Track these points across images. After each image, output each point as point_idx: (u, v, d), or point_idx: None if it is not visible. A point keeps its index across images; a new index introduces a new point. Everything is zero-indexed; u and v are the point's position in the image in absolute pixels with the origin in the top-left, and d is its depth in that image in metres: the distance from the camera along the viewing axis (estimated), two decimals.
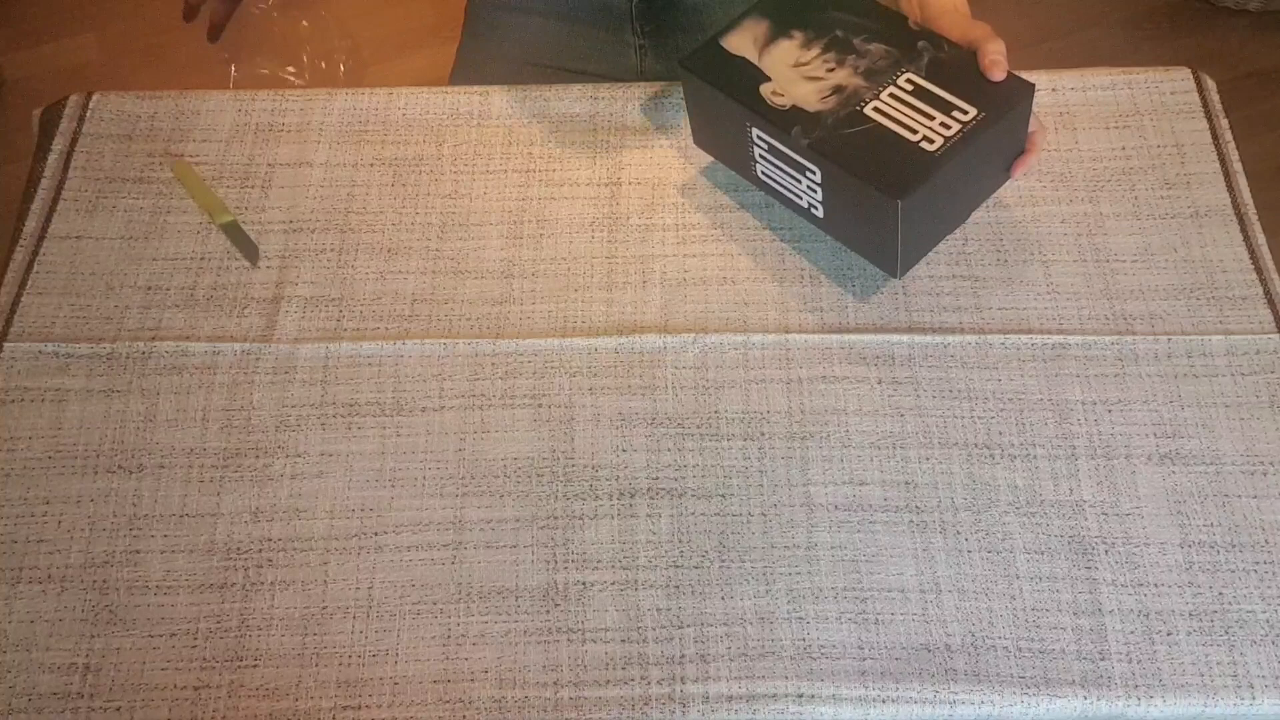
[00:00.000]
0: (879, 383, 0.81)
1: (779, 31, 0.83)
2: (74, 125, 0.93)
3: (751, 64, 0.82)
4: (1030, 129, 0.82)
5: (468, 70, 1.10)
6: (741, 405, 0.81)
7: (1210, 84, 0.94)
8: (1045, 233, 0.88)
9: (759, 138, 0.80)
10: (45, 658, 0.72)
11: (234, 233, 0.88)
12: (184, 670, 0.72)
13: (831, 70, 0.80)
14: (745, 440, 0.79)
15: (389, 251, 0.88)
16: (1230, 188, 0.89)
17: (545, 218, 0.89)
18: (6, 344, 0.83)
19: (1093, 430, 0.79)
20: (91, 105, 0.94)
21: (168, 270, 0.87)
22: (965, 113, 0.76)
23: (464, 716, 0.70)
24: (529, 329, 0.84)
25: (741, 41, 0.83)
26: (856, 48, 0.81)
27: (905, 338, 0.83)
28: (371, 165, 0.92)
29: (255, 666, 0.72)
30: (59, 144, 0.92)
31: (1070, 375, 0.81)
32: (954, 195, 0.80)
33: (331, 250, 0.88)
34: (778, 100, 0.79)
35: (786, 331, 0.83)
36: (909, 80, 0.79)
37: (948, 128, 0.76)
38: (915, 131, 0.76)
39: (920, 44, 0.81)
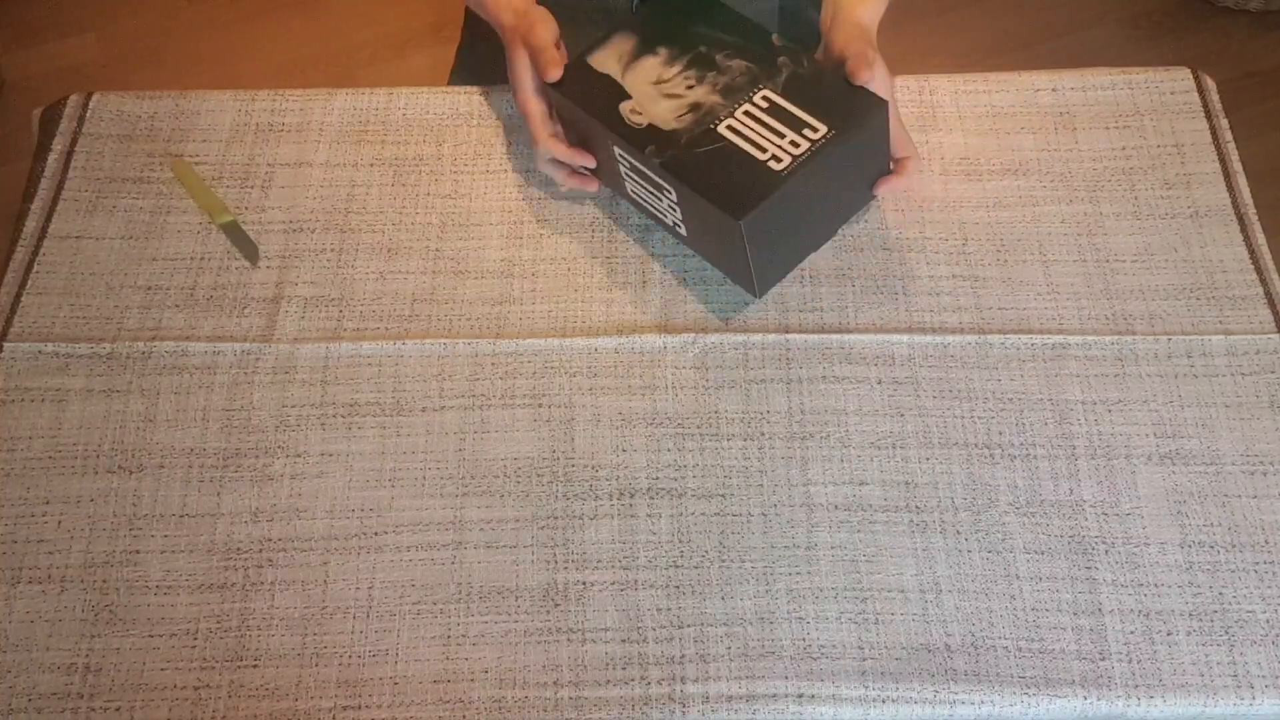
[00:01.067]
0: (879, 383, 0.81)
1: (644, 49, 0.82)
2: (74, 125, 0.93)
3: (614, 81, 0.81)
4: (904, 154, 0.81)
5: (468, 70, 1.10)
6: (741, 405, 0.81)
7: (1210, 84, 0.94)
8: (1045, 233, 0.88)
9: (620, 156, 0.80)
10: (45, 658, 0.72)
11: (234, 233, 0.88)
12: (184, 670, 0.72)
13: (690, 88, 0.79)
14: (745, 440, 0.79)
15: (389, 251, 0.88)
16: (1230, 188, 0.89)
17: (545, 218, 0.89)
18: (6, 344, 0.83)
19: (1093, 430, 0.79)
20: (91, 105, 0.94)
21: (168, 270, 0.87)
22: (815, 130, 0.75)
23: (464, 716, 0.70)
24: (529, 329, 0.84)
25: (607, 59, 0.82)
26: (718, 64, 0.80)
27: (905, 338, 0.83)
28: (371, 165, 0.92)
29: (255, 666, 0.72)
30: (59, 144, 0.92)
31: (1070, 375, 0.81)
32: (807, 213, 0.80)
33: (331, 250, 0.88)
34: (636, 119, 0.78)
35: (786, 331, 0.83)
36: (765, 97, 0.78)
37: (796, 146, 0.75)
38: (764, 150, 0.75)
39: (780, 60, 0.80)
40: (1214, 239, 0.87)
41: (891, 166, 0.82)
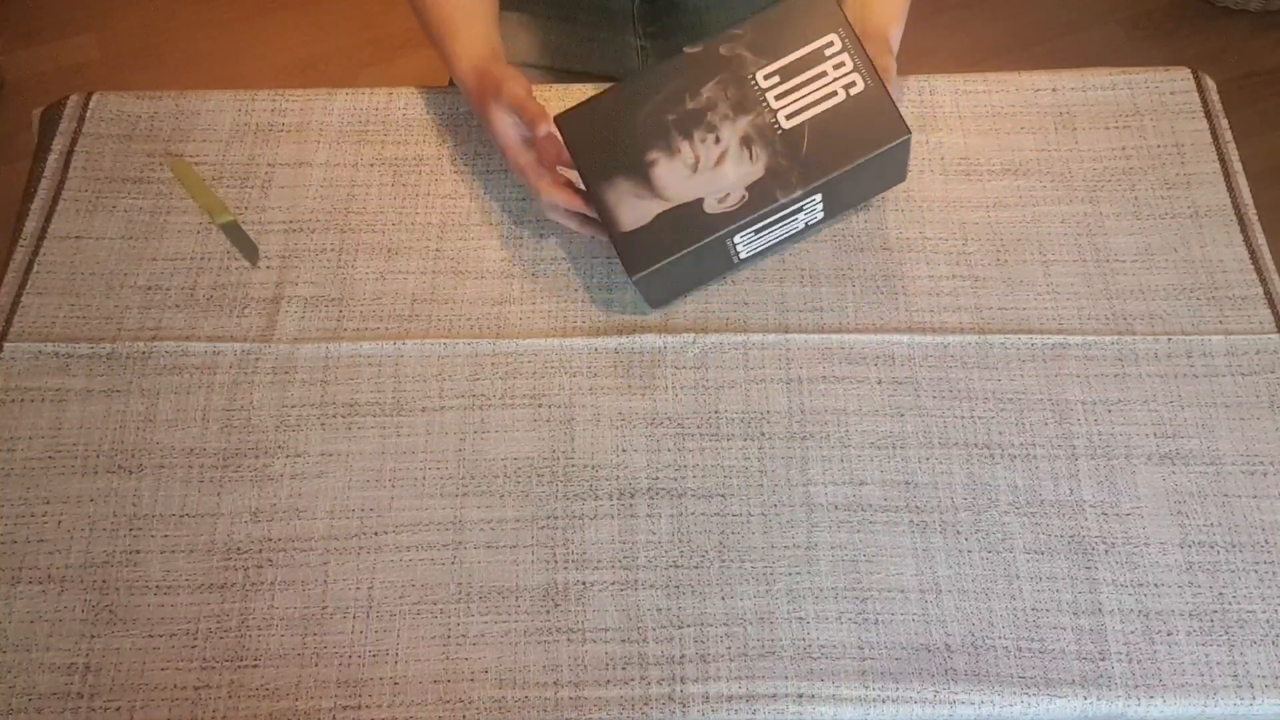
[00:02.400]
0: (879, 383, 0.81)
1: (636, 172, 0.77)
2: (74, 125, 0.93)
3: (671, 207, 0.76)
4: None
5: None
6: (741, 405, 0.81)
7: (1210, 84, 0.94)
8: (1045, 233, 0.88)
9: (740, 237, 0.78)
10: (45, 658, 0.72)
11: (234, 233, 0.88)
12: (184, 670, 0.72)
13: (718, 141, 0.77)
14: (745, 440, 0.79)
15: (389, 251, 0.88)
16: (1230, 188, 0.89)
17: (545, 217, 0.89)
18: (6, 344, 0.83)
19: (1093, 430, 0.79)
20: (91, 105, 0.94)
21: (168, 270, 0.87)
22: (835, 51, 0.76)
23: (464, 716, 0.70)
24: (529, 329, 0.84)
25: (631, 208, 0.77)
26: (701, 107, 0.77)
27: (905, 338, 0.83)
28: (371, 165, 0.92)
29: (255, 666, 0.72)
30: (59, 144, 0.92)
31: (1070, 375, 0.81)
32: None
33: (331, 250, 0.88)
34: (728, 201, 0.76)
35: (786, 331, 0.83)
36: (764, 75, 0.77)
37: (843, 66, 0.76)
38: (835, 94, 0.76)
39: (723, 48, 0.78)
40: (1214, 239, 0.87)
41: None
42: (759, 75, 0.77)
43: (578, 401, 0.81)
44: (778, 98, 0.77)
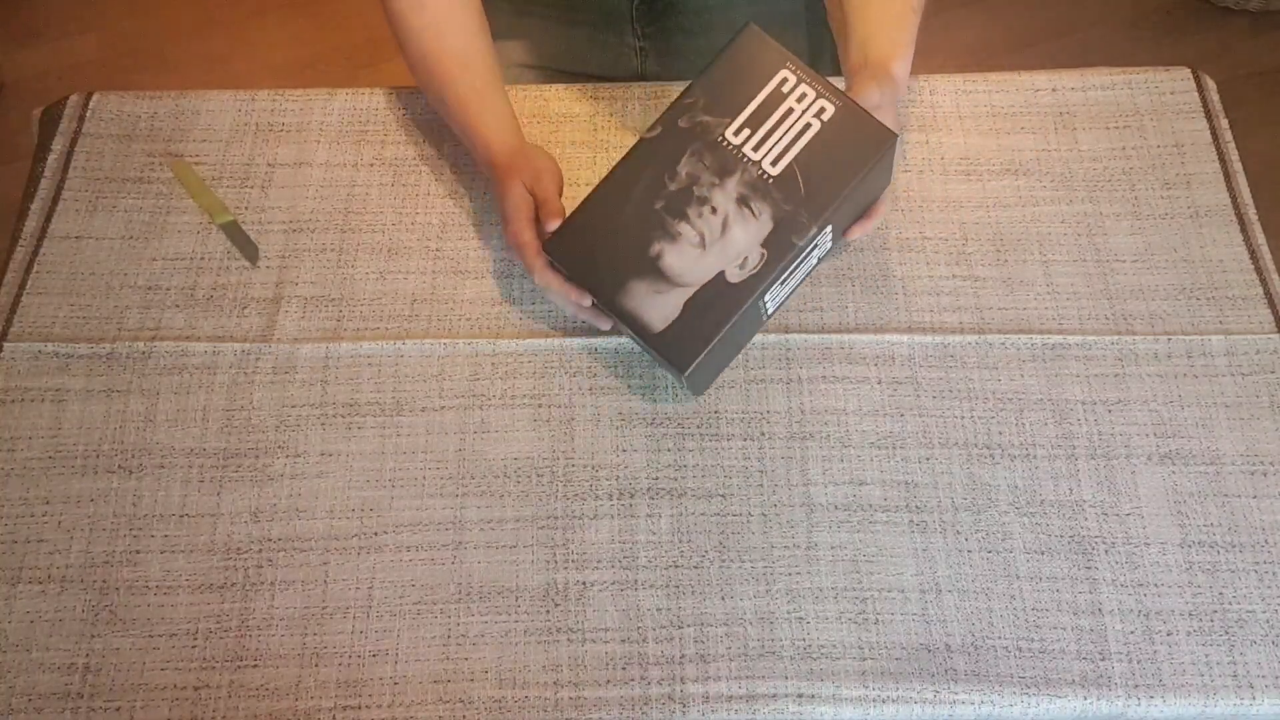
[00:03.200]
0: (879, 383, 0.81)
1: (646, 270, 0.75)
2: (74, 125, 0.93)
3: (695, 291, 0.74)
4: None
5: None
6: (741, 405, 0.81)
7: (1210, 84, 0.94)
8: (1045, 233, 0.88)
9: (769, 295, 0.76)
10: (45, 658, 0.72)
11: (234, 233, 0.88)
12: (184, 670, 0.72)
13: (715, 210, 0.74)
14: (745, 440, 0.79)
15: (389, 251, 0.88)
16: (1230, 188, 0.89)
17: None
18: (6, 344, 0.83)
19: (1093, 430, 0.79)
20: (91, 105, 0.94)
21: (168, 270, 0.87)
22: (787, 81, 0.76)
23: (464, 716, 0.70)
24: (529, 329, 0.84)
25: (657, 306, 0.74)
26: (685, 184, 0.75)
27: (905, 338, 0.83)
28: (371, 165, 0.92)
29: (255, 666, 0.72)
30: (59, 144, 0.92)
31: (1070, 375, 0.81)
32: None
33: (331, 250, 0.88)
34: (749, 265, 0.74)
35: (786, 331, 0.83)
36: (733, 133, 0.75)
37: (810, 94, 0.75)
38: (809, 125, 0.74)
39: (682, 121, 0.77)
40: (1214, 239, 0.87)
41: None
42: (728, 134, 0.76)
43: (578, 401, 0.81)
44: (755, 148, 0.75)
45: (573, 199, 0.89)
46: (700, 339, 0.73)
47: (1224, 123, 0.92)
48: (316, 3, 2.04)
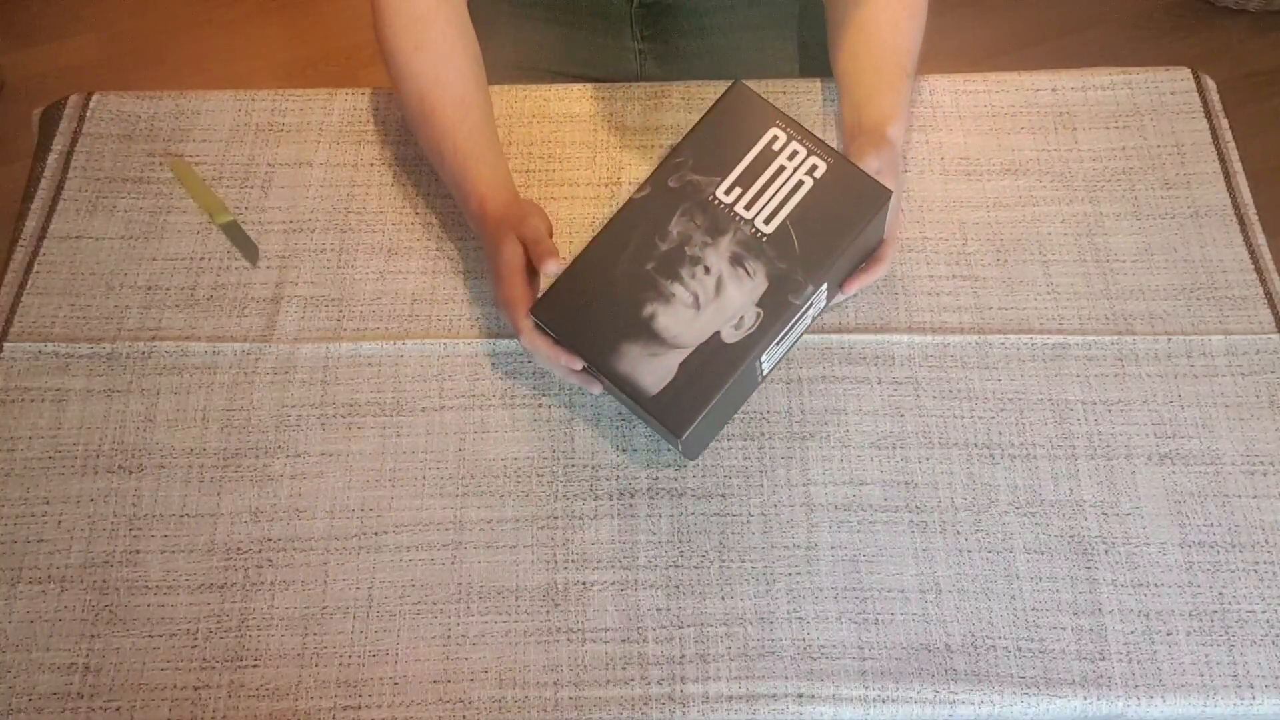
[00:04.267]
0: (879, 383, 0.81)
1: (639, 332, 0.73)
2: (74, 125, 0.93)
3: (690, 352, 0.72)
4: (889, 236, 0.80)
5: None
6: (741, 405, 0.80)
7: (1210, 84, 0.94)
8: (1045, 233, 0.88)
9: (764, 355, 0.75)
10: (45, 658, 0.72)
11: (234, 233, 0.88)
12: (184, 670, 0.72)
13: (708, 270, 0.73)
14: (745, 440, 0.79)
15: (389, 251, 0.88)
16: (1230, 188, 0.89)
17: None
18: (6, 344, 0.83)
19: (1093, 430, 0.79)
20: (91, 105, 0.94)
21: (168, 270, 0.87)
22: (777, 139, 0.76)
23: (464, 716, 0.70)
24: None
25: (651, 369, 0.72)
26: (676, 244, 0.74)
27: (905, 338, 0.83)
28: (371, 165, 0.92)
29: (255, 666, 0.72)
30: (59, 144, 0.92)
31: (1070, 375, 0.81)
32: None
33: (331, 250, 0.88)
34: (745, 325, 0.72)
35: None
36: (723, 191, 0.75)
37: (801, 152, 0.75)
38: (802, 183, 0.74)
39: (671, 181, 0.76)
40: (1214, 239, 0.87)
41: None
42: (719, 193, 0.75)
43: (578, 401, 0.81)
44: (747, 207, 0.74)
45: (573, 198, 0.89)
46: (697, 401, 0.71)
47: (1224, 123, 0.92)
48: (317, 3, 2.04)
